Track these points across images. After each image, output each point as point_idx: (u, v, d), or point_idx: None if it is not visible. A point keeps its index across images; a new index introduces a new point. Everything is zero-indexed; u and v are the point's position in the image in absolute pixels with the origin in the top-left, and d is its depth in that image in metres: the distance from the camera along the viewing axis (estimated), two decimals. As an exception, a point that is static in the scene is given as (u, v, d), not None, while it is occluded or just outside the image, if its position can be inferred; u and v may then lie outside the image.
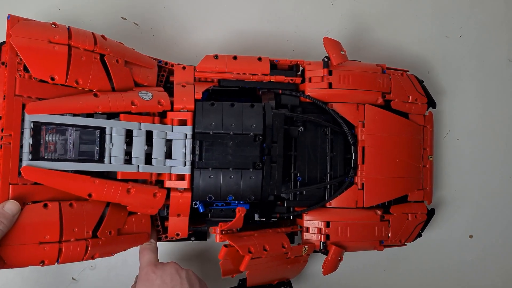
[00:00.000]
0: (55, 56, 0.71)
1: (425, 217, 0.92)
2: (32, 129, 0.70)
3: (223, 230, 0.78)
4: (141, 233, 0.80)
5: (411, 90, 0.91)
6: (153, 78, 0.82)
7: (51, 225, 0.70)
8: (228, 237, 0.78)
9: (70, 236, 0.71)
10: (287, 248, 0.81)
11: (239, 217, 0.76)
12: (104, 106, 0.74)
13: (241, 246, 0.76)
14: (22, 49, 0.69)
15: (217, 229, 0.79)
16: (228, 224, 0.77)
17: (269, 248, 0.79)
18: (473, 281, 1.07)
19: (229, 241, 0.77)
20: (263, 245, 0.79)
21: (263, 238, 0.80)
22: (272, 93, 0.86)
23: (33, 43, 0.70)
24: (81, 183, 0.73)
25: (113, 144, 0.75)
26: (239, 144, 0.80)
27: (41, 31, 0.72)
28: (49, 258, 0.70)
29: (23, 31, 0.70)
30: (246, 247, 0.77)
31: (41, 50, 0.71)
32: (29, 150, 0.70)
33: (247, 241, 0.78)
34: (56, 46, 0.72)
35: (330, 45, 0.86)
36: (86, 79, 0.74)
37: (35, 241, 0.69)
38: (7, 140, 0.68)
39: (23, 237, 0.68)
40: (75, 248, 0.71)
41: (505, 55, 1.09)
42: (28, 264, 0.70)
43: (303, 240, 0.86)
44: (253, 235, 0.81)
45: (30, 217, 0.69)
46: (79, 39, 0.74)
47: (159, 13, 0.98)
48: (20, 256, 0.68)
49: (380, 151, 0.87)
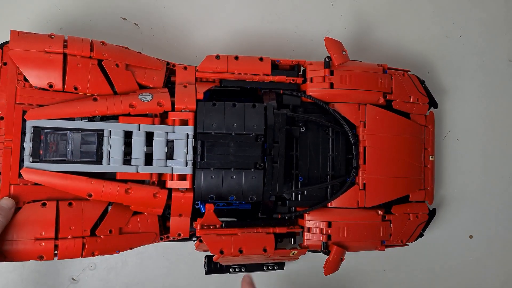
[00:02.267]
0: (50, 65, 0.75)
1: (426, 217, 0.92)
2: (32, 133, 0.75)
3: (204, 225, 0.81)
4: (147, 232, 0.81)
5: (413, 90, 0.91)
6: (159, 79, 0.82)
7: (47, 222, 0.74)
8: (205, 232, 0.80)
9: (66, 233, 0.75)
10: (269, 252, 0.82)
11: (208, 213, 0.80)
12: (102, 110, 0.76)
13: (213, 246, 0.79)
14: (20, 60, 0.75)
15: (198, 225, 0.81)
16: (201, 220, 0.80)
17: (245, 251, 0.80)
18: (473, 281, 1.07)
19: (202, 239, 0.80)
20: (240, 247, 0.80)
21: (244, 239, 0.81)
22: (274, 93, 0.85)
23: (29, 54, 0.75)
24: (79, 183, 0.75)
25: (111, 145, 0.77)
26: (241, 144, 0.80)
27: (37, 43, 0.76)
28: (47, 254, 0.74)
29: (21, 44, 0.75)
30: (219, 247, 0.80)
31: (37, 60, 0.75)
32: (29, 153, 0.75)
33: (223, 241, 0.80)
34: (51, 55, 0.75)
35: (332, 45, 0.86)
36: (85, 85, 0.77)
37: (32, 237, 0.74)
38: (8, 145, 0.75)
39: (21, 233, 0.74)
40: (71, 245, 0.75)
41: (505, 55, 1.09)
42: (26, 258, 0.74)
43: (304, 240, 0.86)
44: (236, 234, 0.81)
45: (28, 214, 0.74)
46: (75, 46, 0.77)
47: (159, 13, 0.98)
48: (19, 250, 0.74)
49: (381, 151, 0.87)
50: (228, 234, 0.81)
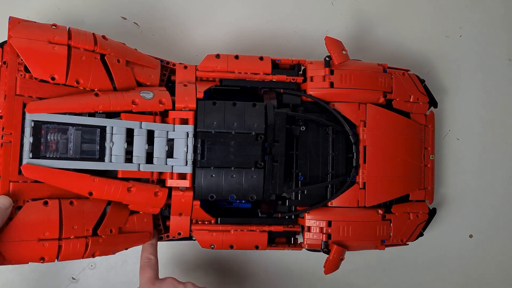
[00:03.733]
0: (54, 56, 0.72)
1: (426, 217, 0.92)
2: (32, 128, 0.71)
3: (199, 220, 0.83)
4: (143, 232, 0.80)
5: (413, 89, 0.91)
6: (155, 77, 0.82)
7: (50, 222, 0.70)
8: (199, 227, 0.83)
9: (69, 233, 0.72)
10: (260, 250, 0.84)
11: (194, 208, 0.80)
12: (105, 106, 0.74)
13: (203, 241, 0.82)
14: (22, 50, 0.70)
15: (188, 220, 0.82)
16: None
17: (236, 247, 0.83)
18: (473, 281, 1.07)
19: (193, 234, 0.83)
20: (231, 243, 0.83)
21: (237, 237, 0.83)
22: (274, 93, 0.85)
23: (33, 44, 0.71)
24: (81, 181, 0.73)
25: (113, 143, 0.75)
26: (241, 143, 0.80)
27: (41, 32, 0.72)
28: (49, 255, 0.71)
29: (23, 33, 0.71)
30: (209, 243, 0.83)
31: (41, 50, 0.71)
32: (29, 148, 0.71)
33: (215, 237, 0.82)
34: (55, 47, 0.72)
35: (332, 44, 0.86)
36: (87, 79, 0.74)
37: (35, 238, 0.69)
38: (7, 139, 0.70)
39: (23, 233, 0.69)
40: (74, 246, 0.72)
41: (505, 55, 1.09)
42: (28, 260, 0.70)
43: (304, 240, 0.86)
44: (229, 231, 0.83)
45: (30, 214, 0.70)
46: (79, 39, 0.74)
47: (159, 12, 0.98)
48: (20, 252, 0.69)
49: (381, 151, 0.87)
50: (220, 231, 0.83)
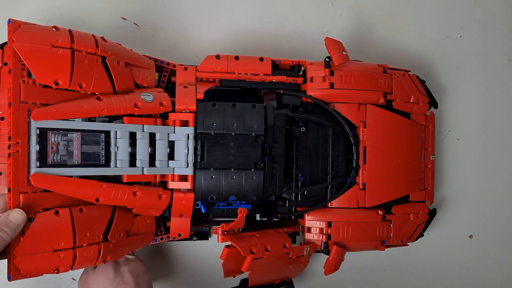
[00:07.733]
0: (59, 61, 0.70)
1: (426, 217, 0.92)
2: (38, 135, 0.69)
3: (225, 231, 0.79)
4: (146, 233, 0.81)
5: (413, 90, 0.91)
6: (151, 78, 0.82)
7: (64, 231, 0.69)
8: (230, 237, 0.78)
9: (83, 241, 0.71)
10: (289, 249, 0.82)
11: (241, 218, 0.77)
12: (109, 110, 0.73)
13: (243, 247, 0.77)
14: (26, 55, 0.68)
15: (219, 230, 0.79)
16: (230, 225, 0.78)
17: (270, 249, 0.79)
18: (473, 281, 1.07)
19: (231, 242, 0.77)
20: (265, 245, 0.79)
21: (265, 239, 0.81)
22: (274, 93, 0.85)
23: (36, 48, 0.68)
24: (89, 188, 0.72)
25: (118, 147, 0.75)
26: (241, 144, 0.80)
27: (43, 36, 0.70)
28: (64, 265, 0.69)
29: (26, 36, 0.68)
30: (248, 247, 0.77)
31: (45, 54, 0.69)
32: (36, 157, 0.69)
33: (249, 242, 0.79)
34: (59, 50, 0.70)
35: (332, 45, 0.86)
36: (89, 83, 0.72)
37: (50, 249, 0.68)
38: (15, 148, 0.67)
39: (38, 245, 0.67)
40: (88, 253, 0.71)
41: (505, 55, 1.09)
42: (43, 272, 0.68)
43: (304, 240, 0.86)
44: (254, 235, 0.81)
45: (43, 225, 0.68)
46: (81, 42, 0.72)
47: (159, 13, 0.98)
48: (36, 265, 0.67)
49: (381, 151, 0.87)
50: (250, 236, 0.80)
